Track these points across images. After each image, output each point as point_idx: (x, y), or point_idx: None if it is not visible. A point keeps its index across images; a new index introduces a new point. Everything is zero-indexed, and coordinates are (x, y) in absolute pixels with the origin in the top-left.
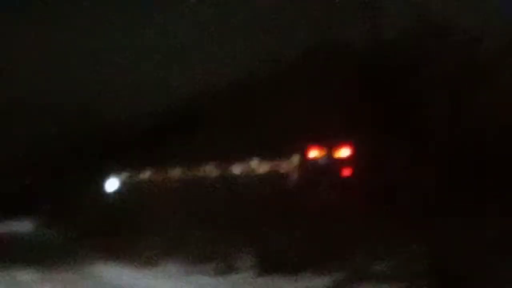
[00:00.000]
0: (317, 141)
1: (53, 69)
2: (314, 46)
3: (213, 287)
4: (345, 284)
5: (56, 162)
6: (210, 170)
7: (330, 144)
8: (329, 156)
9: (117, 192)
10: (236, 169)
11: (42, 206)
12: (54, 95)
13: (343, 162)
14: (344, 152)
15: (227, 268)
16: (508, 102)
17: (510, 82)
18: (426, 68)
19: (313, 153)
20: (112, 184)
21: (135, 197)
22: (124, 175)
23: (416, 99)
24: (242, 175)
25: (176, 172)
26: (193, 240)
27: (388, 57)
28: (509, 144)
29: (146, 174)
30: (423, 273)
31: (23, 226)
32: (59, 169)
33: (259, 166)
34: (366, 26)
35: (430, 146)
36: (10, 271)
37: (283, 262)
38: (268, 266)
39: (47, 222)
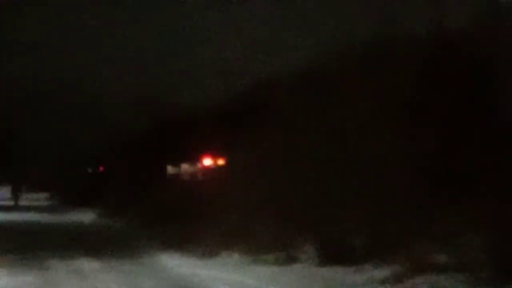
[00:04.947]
0: None
1: (121, 59)
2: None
3: (274, 277)
4: (406, 275)
5: (119, 153)
6: (273, 159)
7: None
8: None
9: (179, 182)
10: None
11: (106, 196)
12: (120, 85)
13: None
14: None
15: (287, 259)
16: None
17: None
18: (498, 64)
19: None
20: (174, 174)
21: (197, 187)
22: (186, 164)
23: (487, 99)
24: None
25: (239, 162)
26: (254, 230)
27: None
28: None
29: (207, 164)
30: (485, 264)
31: (86, 216)
32: (122, 159)
33: None
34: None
35: None
36: (74, 260)
37: (343, 252)
38: (329, 256)
39: (110, 212)
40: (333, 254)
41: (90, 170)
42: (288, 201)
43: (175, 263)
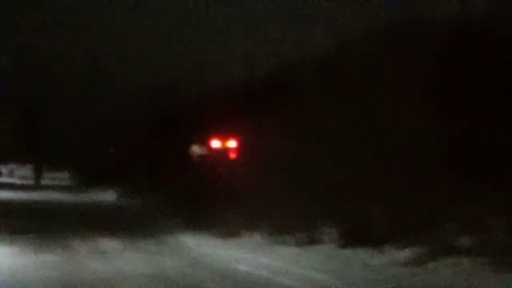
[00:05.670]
0: None
1: (135, 44)
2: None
3: (295, 258)
4: (428, 257)
5: (138, 134)
6: (294, 140)
7: None
8: None
9: (201, 162)
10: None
11: (126, 176)
12: (136, 69)
13: None
14: None
15: (310, 240)
16: None
17: None
18: None
19: None
20: (195, 155)
21: (219, 167)
22: (206, 145)
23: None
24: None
25: (259, 143)
26: (276, 211)
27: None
28: None
29: (229, 144)
30: (509, 247)
31: (107, 196)
32: (142, 140)
33: None
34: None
35: None
36: (94, 240)
37: (366, 235)
38: (351, 238)
39: (131, 192)
40: (355, 236)
41: (111, 150)
42: (310, 183)
43: (197, 243)
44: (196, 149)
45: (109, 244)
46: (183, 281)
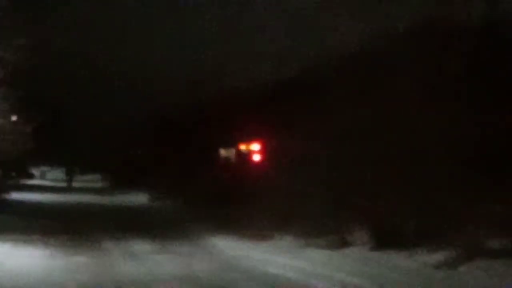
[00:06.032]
0: None
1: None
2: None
3: (326, 261)
4: (460, 260)
5: (169, 137)
6: (325, 145)
7: None
8: None
9: (232, 165)
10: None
11: (157, 179)
12: (166, 74)
13: None
14: None
15: (341, 243)
16: None
17: None
18: None
19: None
20: (227, 157)
21: (249, 171)
22: (237, 148)
23: None
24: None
25: (287, 146)
26: (307, 214)
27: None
28: None
29: (258, 148)
30: None
31: (138, 197)
32: (172, 143)
33: None
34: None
35: None
36: (127, 242)
37: (396, 237)
38: (382, 241)
39: (162, 194)
40: (386, 239)
41: (140, 152)
42: (340, 186)
43: (228, 246)
44: (226, 153)
45: (140, 246)
46: (214, 283)
